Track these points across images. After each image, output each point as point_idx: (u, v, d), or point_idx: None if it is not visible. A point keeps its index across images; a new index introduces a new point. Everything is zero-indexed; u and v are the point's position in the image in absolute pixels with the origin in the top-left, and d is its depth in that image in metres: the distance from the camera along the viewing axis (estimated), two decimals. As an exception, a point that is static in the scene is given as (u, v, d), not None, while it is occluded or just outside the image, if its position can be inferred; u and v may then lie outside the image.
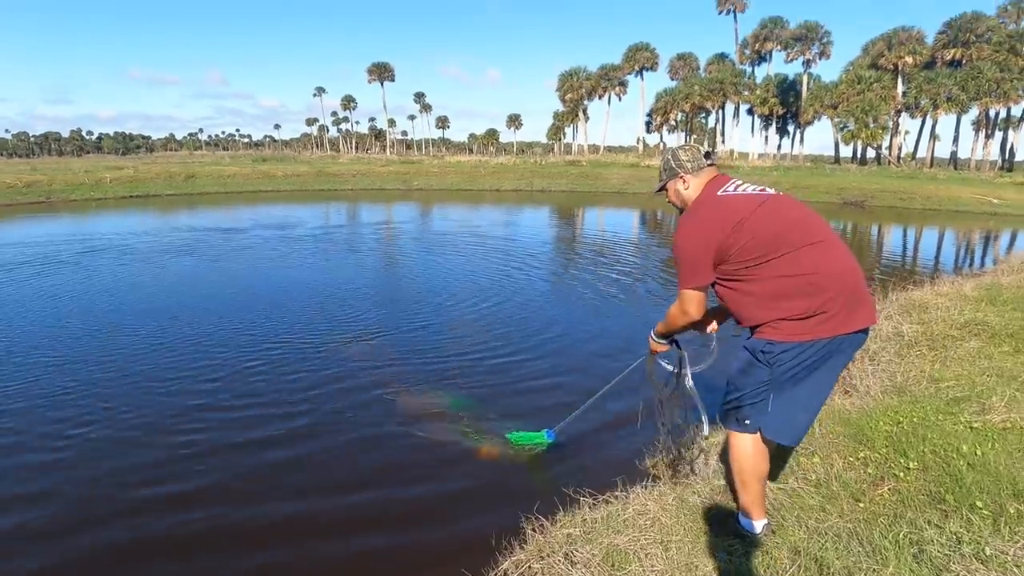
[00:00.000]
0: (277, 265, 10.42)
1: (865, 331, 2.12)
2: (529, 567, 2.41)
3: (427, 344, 5.90)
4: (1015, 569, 1.88)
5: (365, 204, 24.63)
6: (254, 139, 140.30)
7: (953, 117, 42.50)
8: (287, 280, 9.08)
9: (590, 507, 2.71)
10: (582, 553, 2.31)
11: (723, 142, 54.95)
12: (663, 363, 2.84)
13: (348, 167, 39.17)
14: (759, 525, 2.29)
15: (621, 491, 2.83)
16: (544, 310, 7.35)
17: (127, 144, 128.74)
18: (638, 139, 61.31)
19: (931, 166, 42.92)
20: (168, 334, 6.09)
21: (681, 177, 2.28)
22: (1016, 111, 43.35)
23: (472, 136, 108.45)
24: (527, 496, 3.10)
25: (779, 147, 55.89)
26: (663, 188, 2.37)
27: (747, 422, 2.20)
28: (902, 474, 2.63)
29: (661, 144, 60.31)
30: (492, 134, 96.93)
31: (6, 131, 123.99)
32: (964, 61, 41.14)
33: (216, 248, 12.21)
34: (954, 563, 1.92)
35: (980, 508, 2.26)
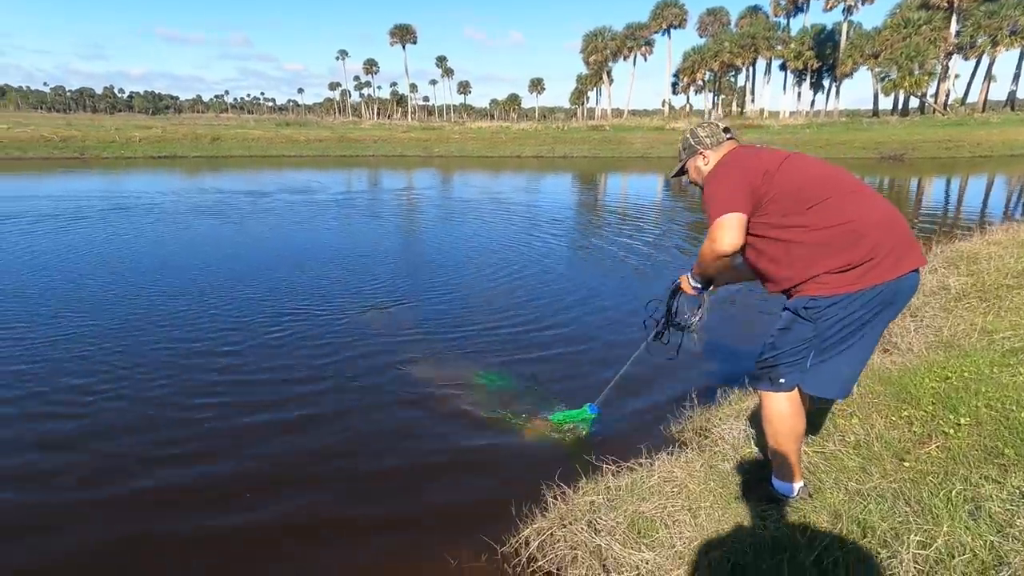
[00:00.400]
0: (301, 228, 10.37)
1: (916, 273, 1.92)
2: (552, 535, 2.28)
3: (452, 313, 5.73)
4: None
5: (386, 170, 24.45)
6: (278, 103, 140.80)
7: (1015, 53, 39.80)
8: (310, 244, 9.00)
9: (613, 474, 2.56)
10: (606, 520, 2.17)
11: (752, 101, 53.22)
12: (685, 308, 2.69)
13: (369, 133, 38.98)
14: (796, 488, 2.13)
15: (646, 458, 2.66)
16: (568, 277, 7.13)
17: (156, 104, 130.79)
18: (663, 101, 59.75)
19: (983, 110, 40.59)
20: (189, 295, 6.05)
21: (701, 153, 2.20)
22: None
23: (494, 102, 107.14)
24: (549, 464, 2.94)
25: (812, 103, 53.80)
26: (682, 170, 2.30)
27: (782, 380, 2.04)
28: (952, 431, 2.40)
29: (688, 106, 58.62)
30: (514, 99, 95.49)
31: (44, 84, 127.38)
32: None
33: (241, 210, 12.25)
34: (1019, 518, 1.71)
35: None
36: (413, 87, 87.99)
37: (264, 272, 7.13)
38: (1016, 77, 42.92)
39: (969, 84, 47.63)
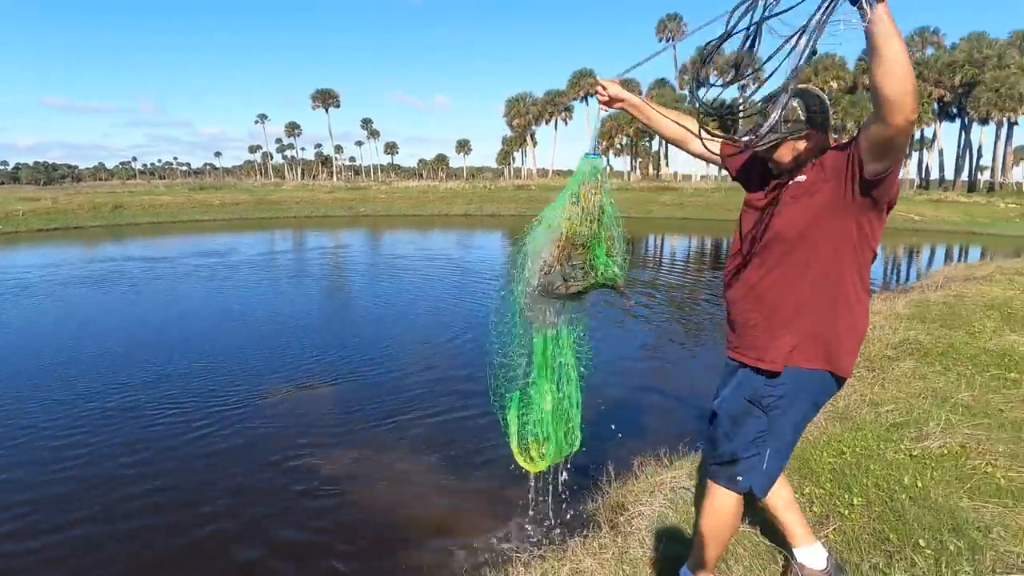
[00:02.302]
0: (201, 294, 9.96)
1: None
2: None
3: (384, 390, 5.58)
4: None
5: (310, 231, 24.03)
6: (194, 167, 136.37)
7: None
8: (212, 312, 8.63)
9: (524, 565, 2.52)
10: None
11: (667, 165, 56.61)
12: None
13: (291, 194, 38.36)
14: None
15: (559, 544, 2.65)
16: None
17: (49, 174, 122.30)
18: (585, 163, 62.48)
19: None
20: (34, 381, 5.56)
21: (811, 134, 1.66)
22: (928, 133, 46.51)
23: (422, 161, 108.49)
24: (458, 554, 2.88)
25: (720, 169, 57.88)
26: (778, 141, 1.66)
27: (739, 479, 1.83)
28: (847, 511, 2.55)
29: (608, 168, 61.64)
30: (441, 159, 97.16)
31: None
32: (883, 87, 43.81)
33: (132, 278, 11.57)
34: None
35: (922, 547, 2.18)
36: (338, 148, 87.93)
37: (130, 352, 6.56)
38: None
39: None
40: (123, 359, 6.32)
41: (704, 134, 1.56)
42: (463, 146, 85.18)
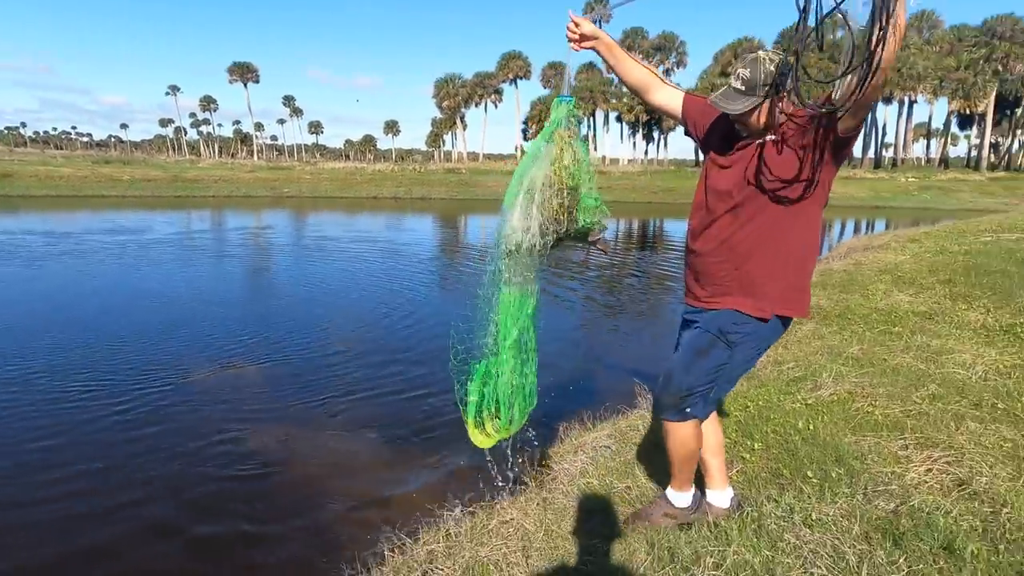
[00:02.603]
0: (114, 272, 9.39)
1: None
2: (390, 592, 2.27)
3: (311, 369, 5.48)
4: (834, 527, 2.04)
5: (230, 212, 22.97)
6: (96, 139, 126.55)
7: None
8: (127, 290, 8.16)
9: (455, 521, 2.62)
10: (443, 570, 2.21)
11: (595, 149, 57.53)
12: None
13: (209, 172, 36.56)
14: (691, 496, 2.25)
15: (488, 501, 2.76)
16: (432, 320, 7.17)
17: None
18: (516, 146, 62.69)
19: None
20: None
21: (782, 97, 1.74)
22: (839, 116, 49.67)
23: (348, 142, 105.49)
24: (393, 518, 2.94)
25: (646, 152, 59.53)
26: (758, 106, 1.73)
27: (688, 410, 2.02)
28: (748, 455, 2.77)
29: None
30: (369, 140, 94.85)
31: None
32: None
33: (33, 253, 10.76)
34: (787, 532, 2.03)
35: (810, 477, 2.43)
36: (259, 126, 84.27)
37: (35, 328, 6.21)
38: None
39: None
40: (26, 335, 5.92)
41: (715, 96, 1.77)
42: (391, 127, 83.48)
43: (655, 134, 57.34)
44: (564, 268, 9.96)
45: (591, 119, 56.05)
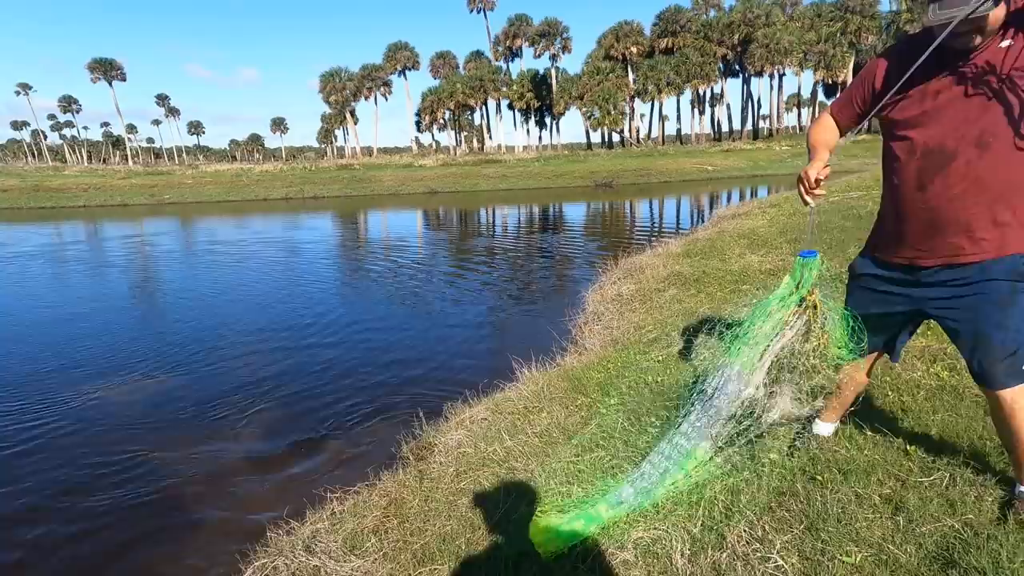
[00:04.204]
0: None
1: None
2: (274, 567, 2.39)
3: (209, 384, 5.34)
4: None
5: (105, 223, 21.23)
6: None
7: (675, 99, 50.61)
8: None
9: (339, 500, 2.77)
10: (325, 542, 2.37)
11: (491, 137, 58.01)
12: None
13: (76, 179, 33.55)
14: None
15: (371, 480, 2.92)
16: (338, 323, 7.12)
17: None
18: (412, 139, 61.97)
19: (663, 144, 50.54)
20: None
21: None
22: (716, 89, 53.04)
23: (234, 142, 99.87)
24: (278, 505, 3.05)
25: (540, 139, 60.71)
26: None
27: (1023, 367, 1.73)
28: (605, 411, 3.11)
29: (434, 143, 61.84)
30: (256, 139, 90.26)
31: None
32: (675, 49, 49.06)
33: None
34: (626, 463, 2.37)
35: (653, 421, 2.79)
36: (131, 127, 77.88)
37: None
38: (678, 118, 55.47)
39: (650, 123, 58.95)
40: None
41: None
42: (279, 125, 79.95)
43: (547, 120, 58.58)
44: (473, 253, 10.10)
45: (484, 108, 56.42)
